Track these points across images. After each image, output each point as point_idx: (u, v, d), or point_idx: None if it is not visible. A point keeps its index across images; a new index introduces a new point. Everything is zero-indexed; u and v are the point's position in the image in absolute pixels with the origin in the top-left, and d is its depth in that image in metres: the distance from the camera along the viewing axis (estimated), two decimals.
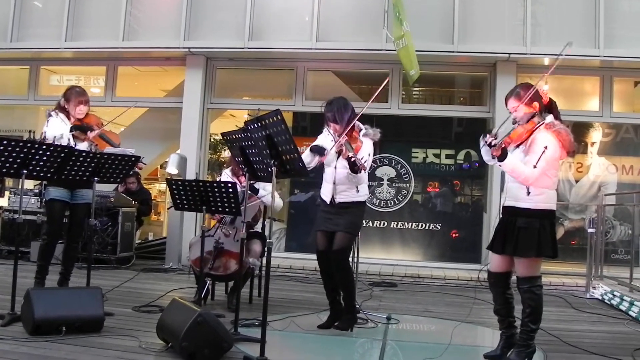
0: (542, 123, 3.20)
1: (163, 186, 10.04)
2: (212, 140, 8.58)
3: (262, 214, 5.09)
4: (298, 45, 7.11)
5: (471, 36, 6.87)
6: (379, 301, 5.33)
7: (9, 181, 7.40)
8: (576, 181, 7.57)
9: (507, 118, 3.35)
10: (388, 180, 7.60)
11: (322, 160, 3.92)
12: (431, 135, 7.76)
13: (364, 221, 4.41)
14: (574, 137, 3.23)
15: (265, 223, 5.05)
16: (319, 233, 4.10)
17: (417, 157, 7.67)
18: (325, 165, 4.09)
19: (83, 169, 4.02)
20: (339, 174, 3.98)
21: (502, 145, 3.13)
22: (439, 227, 7.54)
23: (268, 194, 4.59)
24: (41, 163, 3.72)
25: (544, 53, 6.76)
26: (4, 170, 3.64)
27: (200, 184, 4.20)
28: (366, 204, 4.19)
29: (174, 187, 4.25)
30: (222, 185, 4.07)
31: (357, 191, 4.00)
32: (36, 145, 3.70)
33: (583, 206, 7.55)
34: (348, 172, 3.84)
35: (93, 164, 4.04)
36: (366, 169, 3.84)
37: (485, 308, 4.97)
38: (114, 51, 7.55)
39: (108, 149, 4.40)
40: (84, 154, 4.00)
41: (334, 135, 4.00)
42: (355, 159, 3.72)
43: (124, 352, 3.19)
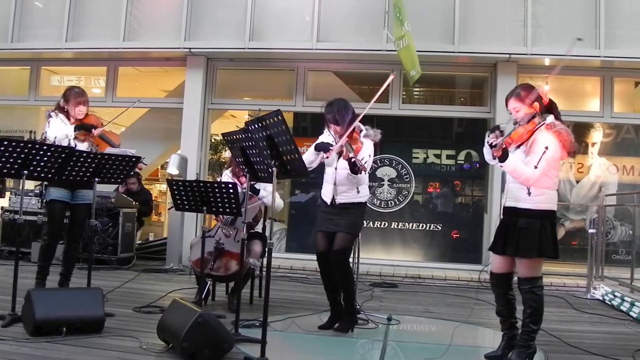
0: (543, 123, 3.20)
1: (164, 187, 10.04)
2: (213, 140, 8.58)
3: (263, 215, 5.09)
4: (298, 45, 7.11)
5: (472, 36, 6.86)
6: (379, 302, 5.32)
7: (9, 182, 7.40)
8: (577, 182, 7.57)
9: (510, 127, 3.33)
10: (389, 180, 7.60)
11: (329, 155, 3.90)
12: (432, 136, 7.75)
13: (365, 222, 4.41)
14: (575, 138, 3.23)
15: (265, 224, 5.05)
16: (319, 234, 4.09)
17: (418, 158, 7.67)
18: (325, 166, 4.09)
19: (84, 169, 4.02)
20: (339, 175, 3.97)
21: (503, 145, 3.13)
22: (440, 228, 7.54)
23: (269, 194, 4.60)
24: (42, 163, 3.72)
25: (545, 53, 6.77)
26: (5, 170, 3.64)
27: (201, 184, 4.21)
28: (367, 204, 4.19)
29: (175, 188, 4.26)
30: (223, 185, 4.08)
31: (358, 192, 4.00)
32: (37, 146, 3.70)
33: (584, 207, 7.54)
34: (348, 173, 3.84)
35: (94, 165, 4.04)
36: (366, 170, 3.83)
37: (486, 309, 4.97)
38: (115, 51, 7.54)
39: (109, 150, 4.40)
40: (85, 155, 3.99)
41: (334, 136, 4.00)
42: (355, 160, 3.72)
43: (125, 353, 3.19)
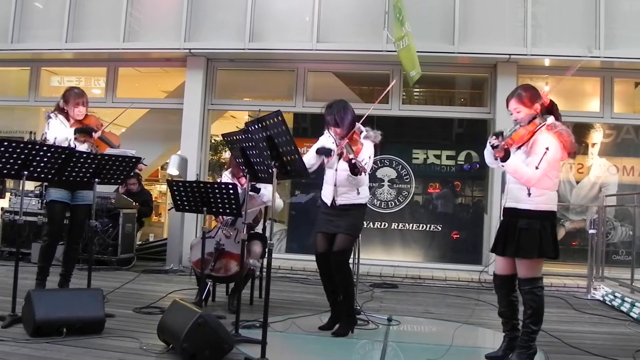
0: (544, 124, 3.20)
1: (164, 187, 10.04)
2: (213, 141, 8.58)
3: (263, 215, 5.09)
4: (298, 46, 7.11)
5: (472, 37, 6.85)
6: (379, 302, 5.32)
7: (9, 182, 7.40)
8: (577, 182, 7.57)
9: (512, 128, 3.31)
10: (389, 181, 7.60)
11: (330, 159, 3.91)
12: (432, 136, 7.75)
13: (365, 222, 4.40)
14: (575, 138, 3.23)
15: (266, 224, 5.04)
16: (319, 235, 4.08)
17: (418, 158, 7.66)
18: (326, 168, 4.09)
19: (84, 170, 4.01)
20: (339, 176, 3.97)
21: (505, 146, 3.13)
22: (440, 228, 7.53)
23: (269, 192, 4.59)
24: (42, 164, 3.72)
25: (545, 54, 6.77)
26: (5, 171, 3.63)
27: (201, 185, 4.22)
28: (367, 205, 4.18)
29: (175, 189, 4.26)
30: (223, 186, 4.08)
31: (358, 193, 3.99)
32: (37, 147, 3.70)
33: (584, 207, 7.54)
34: (348, 174, 3.83)
35: (94, 166, 4.04)
36: (367, 171, 3.83)
37: (486, 309, 4.97)
38: (115, 52, 7.54)
39: (109, 150, 4.40)
40: (85, 155, 3.99)
41: (334, 137, 4.00)
42: (356, 161, 3.71)
43: (125, 354, 3.19)
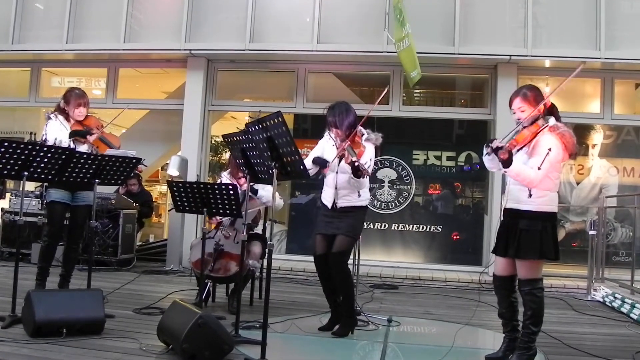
0: (547, 126, 3.20)
1: (164, 188, 10.05)
2: (213, 142, 8.59)
3: (262, 216, 5.09)
4: (299, 47, 7.11)
5: (472, 38, 6.85)
6: (380, 303, 5.32)
7: (10, 183, 7.41)
8: (577, 183, 7.57)
9: (513, 129, 3.32)
10: (389, 182, 7.60)
11: (325, 172, 3.93)
12: (432, 137, 7.76)
13: (365, 223, 4.40)
14: (576, 140, 3.24)
15: (266, 225, 5.04)
16: (318, 236, 4.07)
17: (418, 159, 7.67)
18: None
19: (84, 171, 4.01)
20: (340, 179, 3.96)
21: (509, 148, 3.12)
22: (440, 229, 7.53)
23: (267, 193, 4.59)
24: (42, 165, 3.72)
25: (545, 55, 6.77)
26: (5, 172, 3.63)
27: (201, 186, 4.22)
28: (367, 207, 4.17)
29: (175, 189, 4.26)
30: (223, 187, 4.08)
31: (359, 196, 3.99)
32: (37, 147, 3.69)
33: (584, 208, 7.54)
34: (350, 176, 3.83)
35: (94, 166, 4.04)
36: (369, 173, 3.83)
37: (487, 310, 4.96)
38: (115, 53, 7.54)
39: (109, 151, 4.40)
40: (85, 156, 3.99)
41: (335, 140, 4.00)
42: (359, 164, 3.71)
43: (125, 354, 3.18)
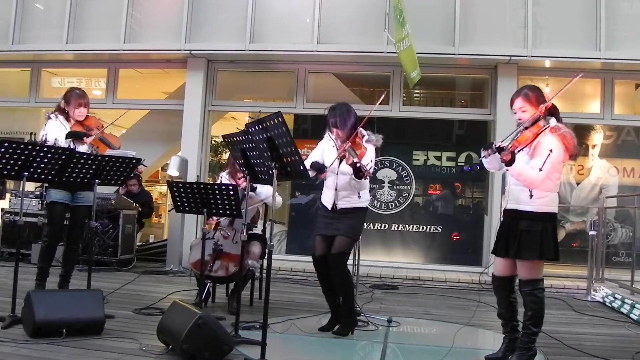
0: (548, 126, 3.20)
1: (164, 188, 10.05)
2: (213, 142, 8.58)
3: (262, 216, 5.08)
4: (299, 47, 7.11)
5: (472, 38, 6.85)
6: (379, 304, 5.32)
7: (10, 183, 7.41)
8: (577, 184, 7.57)
9: (515, 131, 3.31)
10: (389, 182, 7.60)
11: (322, 177, 3.93)
12: (432, 138, 7.76)
13: (365, 224, 4.40)
14: (576, 141, 3.24)
15: (265, 225, 5.04)
16: (317, 237, 4.06)
17: (418, 160, 7.67)
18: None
19: (84, 171, 4.01)
20: (340, 180, 3.96)
21: (511, 149, 3.12)
22: (440, 230, 7.53)
23: (266, 191, 4.58)
24: (42, 165, 3.72)
25: (545, 55, 6.77)
26: (5, 172, 3.63)
27: (201, 186, 4.22)
28: (368, 209, 4.17)
29: (175, 190, 4.26)
30: (223, 187, 4.08)
31: (359, 197, 3.99)
32: (37, 148, 3.69)
33: (584, 209, 7.54)
34: (352, 177, 3.83)
35: (94, 166, 4.04)
36: (371, 175, 3.83)
37: (487, 311, 4.96)
38: (115, 53, 7.54)
39: (109, 151, 4.40)
40: (85, 156, 3.99)
41: (335, 140, 4.00)
42: (360, 165, 3.71)
43: (125, 355, 3.18)
